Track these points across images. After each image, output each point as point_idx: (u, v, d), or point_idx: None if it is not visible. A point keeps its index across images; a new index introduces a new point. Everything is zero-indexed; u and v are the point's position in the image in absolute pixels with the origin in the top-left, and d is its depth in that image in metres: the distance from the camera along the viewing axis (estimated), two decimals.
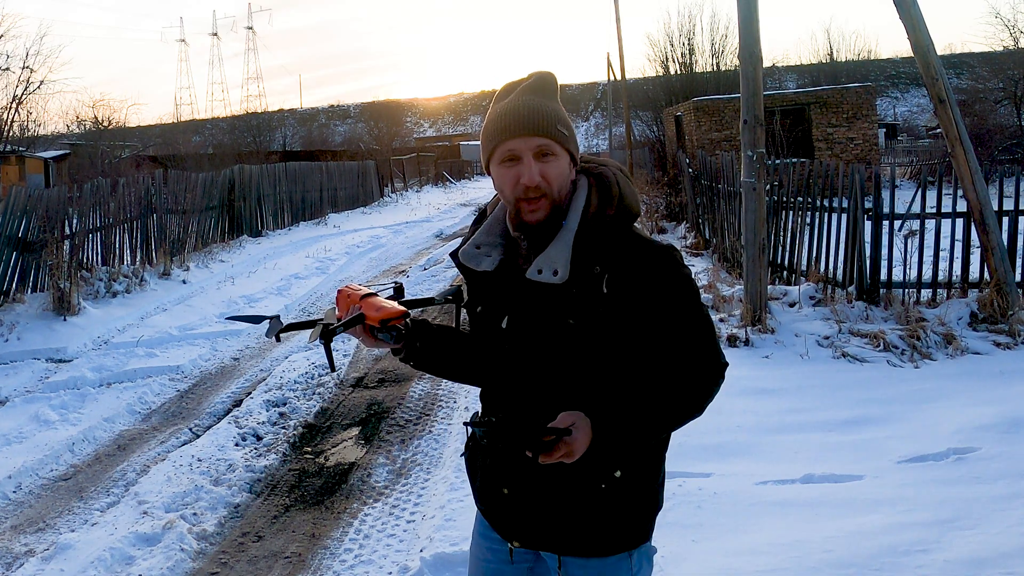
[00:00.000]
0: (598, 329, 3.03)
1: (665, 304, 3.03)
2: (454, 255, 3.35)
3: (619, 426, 2.92)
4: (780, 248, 15.87)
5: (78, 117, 67.26)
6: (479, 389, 3.51)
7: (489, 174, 3.19)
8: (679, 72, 56.73)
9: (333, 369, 3.58)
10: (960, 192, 13.05)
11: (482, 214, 3.39)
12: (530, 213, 3.02)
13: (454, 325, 3.50)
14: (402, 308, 3.17)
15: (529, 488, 3.16)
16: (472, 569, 3.61)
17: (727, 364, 3.28)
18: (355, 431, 10.29)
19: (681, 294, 3.07)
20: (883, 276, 13.60)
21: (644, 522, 3.26)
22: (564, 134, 3.06)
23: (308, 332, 3.29)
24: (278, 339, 3.45)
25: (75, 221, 18.01)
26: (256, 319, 3.50)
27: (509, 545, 3.34)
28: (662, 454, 3.35)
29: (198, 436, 10.26)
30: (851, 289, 13.60)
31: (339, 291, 3.34)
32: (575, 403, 2.95)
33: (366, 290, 3.27)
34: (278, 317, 3.33)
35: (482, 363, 3.39)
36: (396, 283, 3.40)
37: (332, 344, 3.21)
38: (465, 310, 3.48)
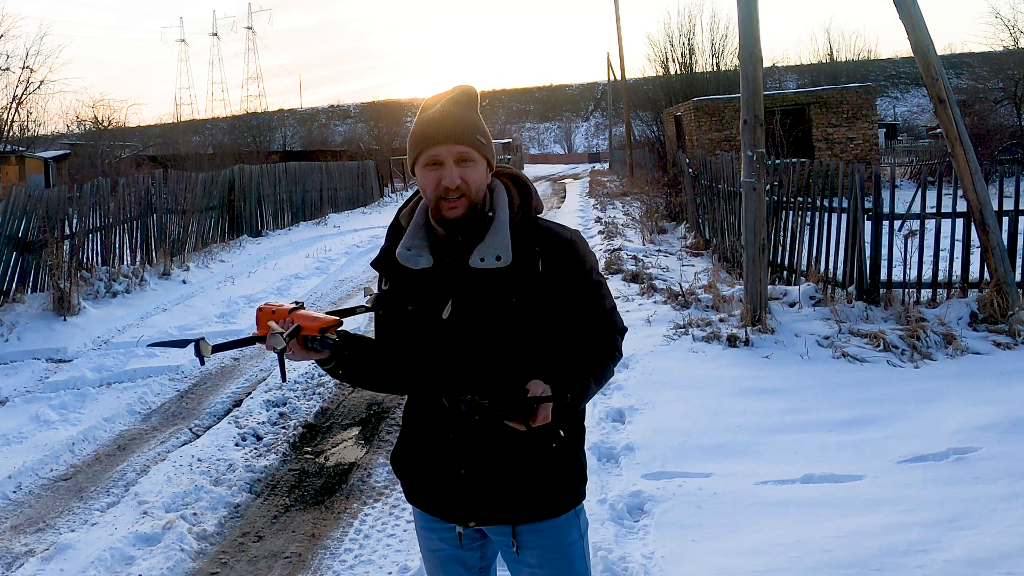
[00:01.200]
0: (536, 303, 3.42)
1: (579, 279, 3.49)
2: (379, 263, 3.79)
3: (574, 389, 3.32)
4: (780, 248, 15.88)
5: (78, 117, 67.26)
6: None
7: (414, 176, 3.51)
8: (679, 72, 56.84)
9: (284, 379, 3.73)
10: (960, 192, 13.07)
11: (396, 224, 3.75)
12: (450, 210, 3.37)
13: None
14: (335, 317, 3.44)
15: (487, 462, 3.48)
16: (428, 563, 3.92)
17: (626, 328, 3.77)
18: (355, 431, 10.30)
19: (589, 272, 3.54)
20: (883, 276, 13.62)
21: (582, 480, 3.68)
22: (482, 143, 3.43)
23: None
24: (203, 361, 3.58)
25: (75, 221, 18.03)
26: (182, 343, 3.54)
27: (458, 529, 3.64)
28: (583, 422, 3.73)
29: (198, 436, 10.27)
30: (851, 289, 13.61)
31: (259, 309, 3.54)
32: (518, 374, 3.32)
33: (290, 305, 3.50)
34: (204, 339, 3.39)
35: (412, 363, 3.62)
36: (296, 302, 3.56)
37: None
38: (377, 315, 3.77)
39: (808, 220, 14.99)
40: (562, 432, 3.42)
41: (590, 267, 3.54)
